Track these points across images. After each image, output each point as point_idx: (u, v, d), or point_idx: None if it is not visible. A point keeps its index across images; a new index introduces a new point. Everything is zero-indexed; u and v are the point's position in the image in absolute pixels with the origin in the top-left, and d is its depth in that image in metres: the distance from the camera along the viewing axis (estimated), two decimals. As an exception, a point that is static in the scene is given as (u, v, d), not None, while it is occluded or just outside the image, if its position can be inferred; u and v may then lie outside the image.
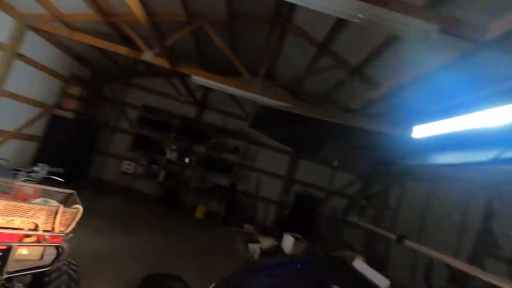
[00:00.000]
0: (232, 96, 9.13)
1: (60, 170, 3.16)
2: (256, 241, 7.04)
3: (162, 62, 6.10)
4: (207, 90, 9.51)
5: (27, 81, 6.47)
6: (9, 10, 5.56)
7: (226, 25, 6.41)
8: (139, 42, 5.96)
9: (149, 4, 5.49)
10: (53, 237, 2.21)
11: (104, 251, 4.62)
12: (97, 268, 3.96)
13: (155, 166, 9.02)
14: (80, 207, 2.33)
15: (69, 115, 7.56)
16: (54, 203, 2.37)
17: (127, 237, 5.51)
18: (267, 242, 6.91)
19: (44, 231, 2.16)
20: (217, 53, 6.73)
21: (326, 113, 6.38)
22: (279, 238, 7.04)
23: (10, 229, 2.02)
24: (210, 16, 6.01)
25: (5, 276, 1.97)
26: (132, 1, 4.25)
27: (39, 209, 2.14)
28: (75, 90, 7.66)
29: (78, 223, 2.33)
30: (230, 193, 9.02)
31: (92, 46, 6.44)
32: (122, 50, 6.14)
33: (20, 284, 2.18)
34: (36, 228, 2.13)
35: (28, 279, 2.28)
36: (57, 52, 6.99)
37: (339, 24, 4.84)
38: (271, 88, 6.52)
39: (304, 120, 5.73)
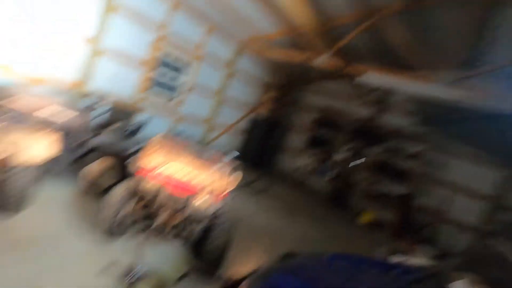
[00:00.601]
0: (410, 95, 7.93)
1: (236, 153, 4.30)
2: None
3: (336, 64, 6.37)
4: (382, 90, 8.78)
5: (240, 89, 8.83)
6: (230, 37, 7.83)
7: (400, 15, 5.71)
8: (315, 47, 6.53)
9: (322, 12, 5.92)
10: (217, 194, 3.13)
11: (267, 225, 5.61)
12: (258, 235, 4.94)
13: (326, 165, 9.49)
14: (239, 175, 3.17)
15: (263, 116, 9.50)
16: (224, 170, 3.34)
17: (289, 220, 6.31)
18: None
19: (212, 188, 3.11)
20: (390, 48, 6.15)
21: None
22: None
23: (191, 183, 3.09)
24: (385, 8, 5.60)
25: (186, 215, 3.06)
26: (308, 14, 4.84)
27: (213, 172, 3.13)
28: (268, 95, 9.52)
29: (254, 199, 3.19)
30: (406, 204, 7.91)
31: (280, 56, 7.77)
32: (301, 57, 6.98)
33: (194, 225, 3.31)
34: (206, 185, 3.10)
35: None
36: (259, 64, 9.00)
37: None
38: (466, 79, 5.14)
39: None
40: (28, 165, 2.88)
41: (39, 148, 2.94)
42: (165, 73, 6.92)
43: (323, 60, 6.50)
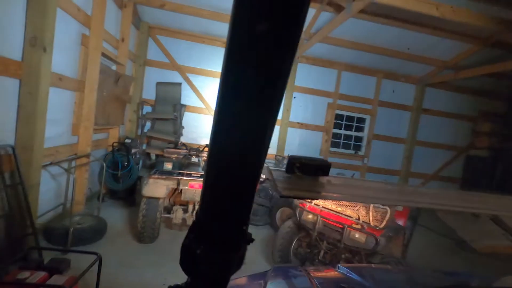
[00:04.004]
0: None
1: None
2: None
3: None
4: None
5: (434, 129, 7.51)
6: (411, 79, 7.28)
7: None
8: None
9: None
10: (370, 228, 2.83)
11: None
12: None
13: None
14: (387, 208, 2.76)
15: (483, 153, 7.25)
16: (376, 205, 3.01)
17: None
18: None
19: (363, 222, 2.87)
20: None
21: None
22: None
23: (344, 215, 3.01)
24: None
25: (343, 245, 2.91)
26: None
27: (360, 206, 2.94)
28: (485, 127, 7.34)
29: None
30: None
31: (484, 75, 6.18)
32: None
33: (348, 255, 2.99)
34: (358, 218, 2.91)
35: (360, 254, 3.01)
36: (455, 96, 7.46)
37: None
38: None
39: None
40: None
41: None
42: (343, 131, 7.38)
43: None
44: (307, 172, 0.49)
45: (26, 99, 2.68)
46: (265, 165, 0.42)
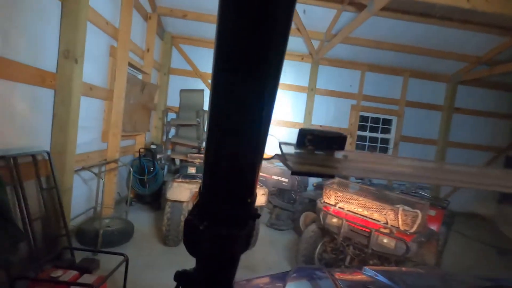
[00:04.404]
0: None
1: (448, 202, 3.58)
2: None
3: None
4: None
5: (469, 129, 7.06)
6: (442, 78, 6.92)
7: None
8: None
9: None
10: (399, 233, 2.68)
11: None
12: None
13: None
14: (418, 212, 2.61)
15: (526, 153, 6.68)
16: (406, 208, 2.84)
17: None
18: None
19: (392, 226, 2.72)
20: None
21: None
22: None
23: (371, 219, 2.87)
24: None
25: (370, 251, 2.78)
26: None
27: (389, 209, 2.80)
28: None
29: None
30: None
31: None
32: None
33: (377, 261, 2.83)
34: (386, 222, 2.77)
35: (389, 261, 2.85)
36: (491, 93, 6.98)
37: None
38: None
39: None
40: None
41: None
42: (369, 133, 7.13)
43: None
44: (320, 146, 0.44)
45: (60, 108, 2.86)
46: (276, 140, 0.40)
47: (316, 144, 0.42)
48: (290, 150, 0.41)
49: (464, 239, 5.21)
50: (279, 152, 0.39)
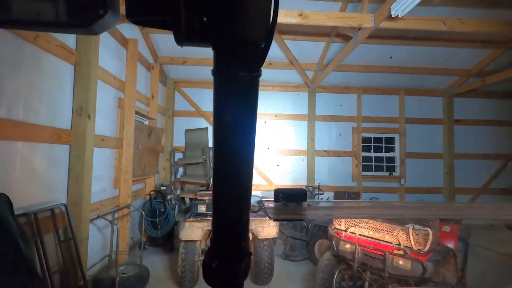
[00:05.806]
0: None
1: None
2: None
3: None
4: None
5: (472, 140, 7.09)
6: (436, 92, 7.11)
7: None
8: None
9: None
10: (414, 253, 2.66)
11: None
12: None
13: None
14: (428, 230, 2.61)
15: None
16: (416, 227, 2.85)
17: None
18: None
19: (405, 246, 2.72)
20: None
21: None
22: None
23: (384, 241, 2.87)
24: None
25: (387, 274, 2.74)
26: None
27: (399, 229, 2.81)
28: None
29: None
30: None
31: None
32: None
33: (396, 285, 2.76)
34: (399, 244, 2.76)
35: (409, 283, 2.78)
36: (488, 102, 7.11)
37: None
38: None
39: None
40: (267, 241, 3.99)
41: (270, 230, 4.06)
42: (373, 153, 7.19)
43: None
44: (289, 200, 0.60)
45: (75, 161, 3.05)
46: (258, 197, 0.53)
47: (286, 199, 0.58)
48: (270, 204, 0.56)
49: (485, 253, 5.02)
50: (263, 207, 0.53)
